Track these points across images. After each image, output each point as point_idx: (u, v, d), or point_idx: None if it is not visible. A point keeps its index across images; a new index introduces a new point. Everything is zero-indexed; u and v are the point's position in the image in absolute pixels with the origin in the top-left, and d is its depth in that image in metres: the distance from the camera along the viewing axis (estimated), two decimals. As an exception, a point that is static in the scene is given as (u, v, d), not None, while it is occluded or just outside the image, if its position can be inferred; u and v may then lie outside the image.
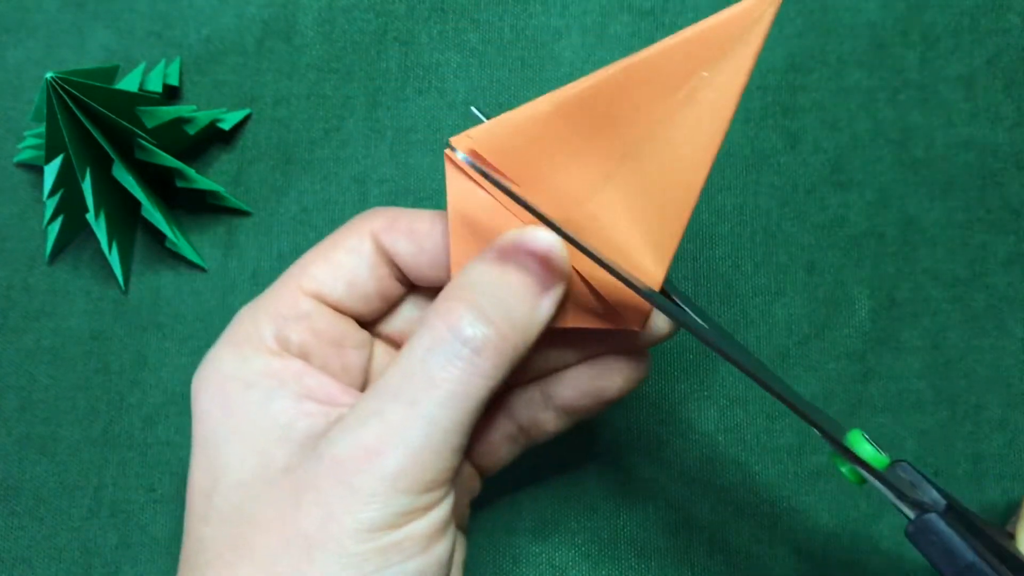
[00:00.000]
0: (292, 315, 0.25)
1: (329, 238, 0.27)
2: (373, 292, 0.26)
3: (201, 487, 0.24)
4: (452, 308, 0.23)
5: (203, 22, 0.37)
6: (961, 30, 0.37)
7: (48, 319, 0.36)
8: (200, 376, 0.25)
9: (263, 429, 0.24)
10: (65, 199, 0.34)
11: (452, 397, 0.22)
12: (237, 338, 0.25)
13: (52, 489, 0.35)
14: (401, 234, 0.26)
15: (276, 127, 0.37)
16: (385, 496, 0.22)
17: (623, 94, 0.23)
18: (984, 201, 0.36)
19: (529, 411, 0.29)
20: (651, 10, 0.37)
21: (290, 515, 0.22)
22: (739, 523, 0.34)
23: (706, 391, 0.35)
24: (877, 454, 0.24)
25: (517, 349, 0.23)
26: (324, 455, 0.22)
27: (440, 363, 0.22)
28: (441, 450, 0.22)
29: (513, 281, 0.24)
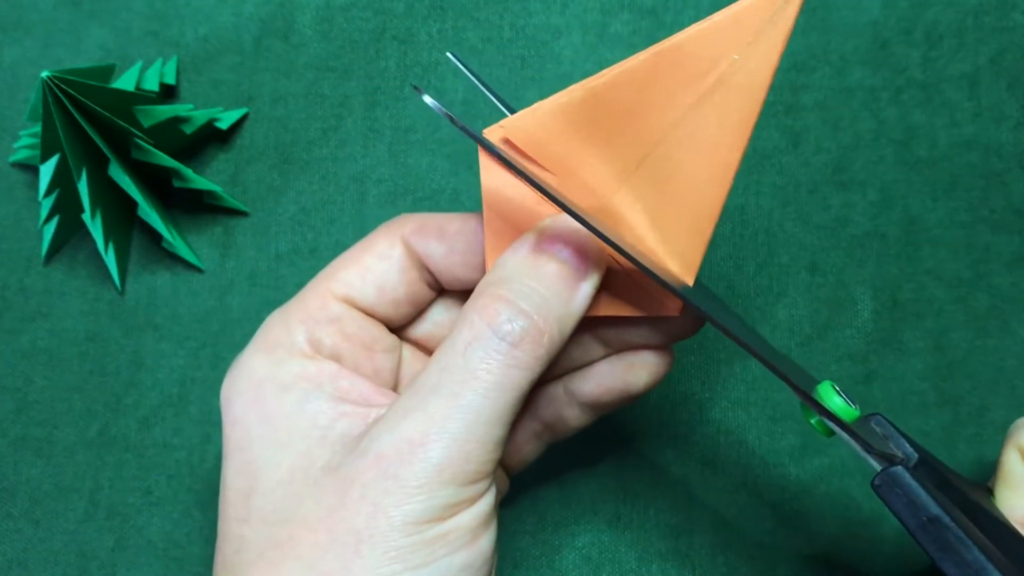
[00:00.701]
0: (323, 318, 0.26)
1: (359, 243, 0.27)
2: (403, 297, 0.27)
3: (238, 489, 0.24)
4: (488, 304, 0.23)
5: (200, 21, 0.37)
6: (965, 28, 0.37)
7: (44, 320, 0.36)
8: (232, 382, 0.25)
9: (302, 430, 0.24)
10: (61, 199, 0.34)
11: (493, 389, 0.23)
12: (269, 343, 0.25)
13: (48, 491, 0.35)
14: (432, 237, 0.26)
15: (274, 126, 0.37)
16: (431, 488, 0.22)
17: (653, 80, 0.24)
18: (987, 201, 0.36)
19: (553, 407, 0.29)
20: (652, 9, 0.37)
21: (336, 511, 0.22)
22: (741, 526, 0.34)
23: (707, 393, 0.35)
24: (846, 406, 0.24)
25: (554, 340, 0.24)
26: (368, 451, 0.23)
27: (480, 356, 0.23)
28: (484, 441, 0.23)
29: (548, 272, 0.24)
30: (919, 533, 0.23)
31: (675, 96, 0.24)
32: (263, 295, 0.36)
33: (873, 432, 0.25)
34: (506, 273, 0.24)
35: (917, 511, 0.23)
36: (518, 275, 0.24)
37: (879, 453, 0.23)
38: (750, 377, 0.35)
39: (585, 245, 0.24)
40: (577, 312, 0.24)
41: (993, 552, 0.22)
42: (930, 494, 0.23)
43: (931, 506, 0.22)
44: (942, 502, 0.23)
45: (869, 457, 0.24)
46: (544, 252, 0.24)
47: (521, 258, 0.24)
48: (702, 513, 0.34)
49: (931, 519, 0.22)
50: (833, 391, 0.24)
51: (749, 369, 0.35)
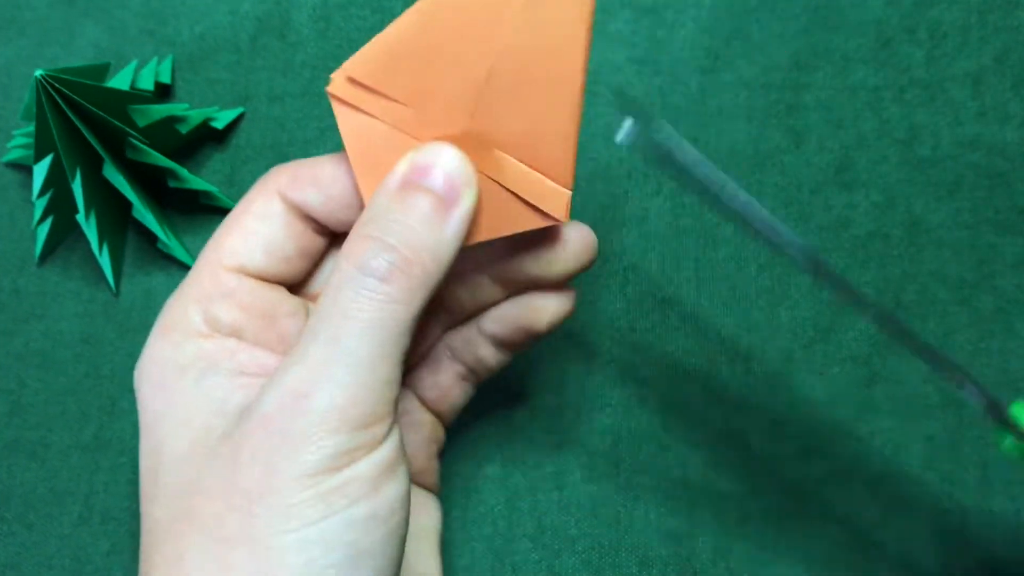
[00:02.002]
0: (217, 294, 0.26)
1: (236, 207, 0.27)
2: (294, 252, 0.27)
3: (148, 469, 0.24)
4: (355, 244, 0.23)
5: (196, 19, 0.37)
6: (969, 27, 0.37)
7: (38, 322, 0.36)
8: (139, 368, 0.25)
9: (198, 406, 0.24)
10: (55, 199, 0.34)
11: (369, 327, 0.22)
12: (167, 326, 0.25)
13: (42, 495, 0.35)
14: (307, 185, 0.26)
15: (270, 126, 0.37)
16: (319, 437, 0.22)
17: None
18: (992, 201, 0.36)
19: (470, 349, 0.29)
20: (652, 7, 0.37)
21: (230, 477, 0.22)
22: (743, 530, 0.34)
23: (709, 396, 0.35)
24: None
25: (428, 271, 0.23)
26: (255, 412, 0.22)
27: (350, 296, 0.23)
28: (370, 383, 0.22)
29: (416, 204, 0.24)
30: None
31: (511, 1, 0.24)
32: (259, 297, 0.36)
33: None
34: (374, 212, 0.24)
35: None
36: (385, 211, 0.24)
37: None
38: (752, 379, 0.35)
39: (454, 169, 0.24)
40: (451, 238, 0.24)
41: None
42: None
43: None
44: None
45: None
46: (411, 185, 0.24)
47: (389, 195, 0.24)
48: (703, 517, 0.34)
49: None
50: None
51: (751, 371, 0.35)
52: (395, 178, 0.24)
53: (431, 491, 0.31)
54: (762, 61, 0.37)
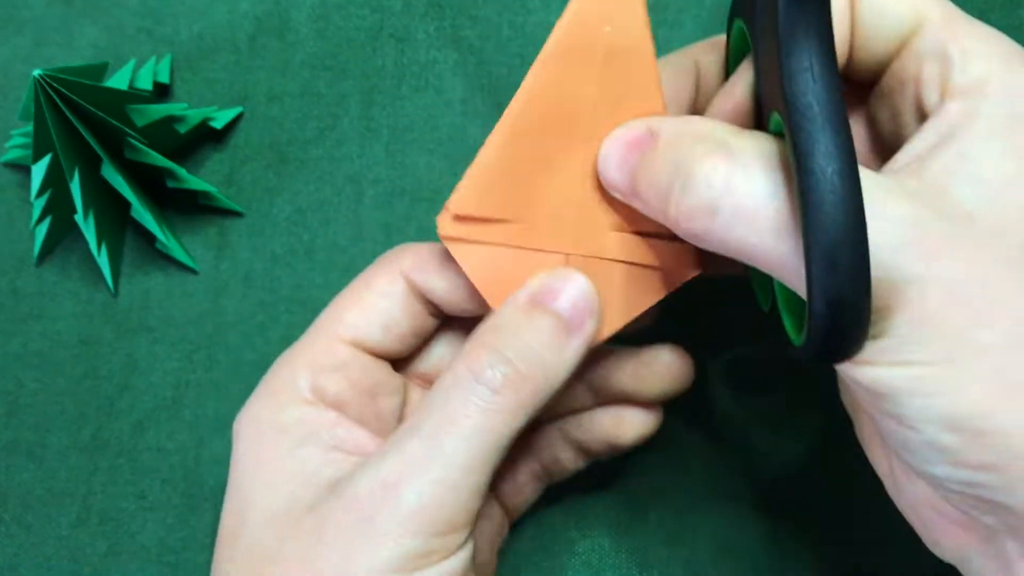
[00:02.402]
0: (329, 365, 0.26)
1: (359, 280, 0.27)
2: (408, 331, 0.27)
3: (229, 528, 0.25)
4: (473, 350, 0.24)
5: (194, 18, 0.37)
6: (971, 27, 0.37)
7: (36, 322, 0.36)
8: (238, 423, 0.26)
9: (291, 472, 0.24)
10: (53, 200, 0.34)
11: (472, 434, 0.23)
12: (274, 387, 0.26)
13: (40, 496, 0.35)
14: (432, 272, 0.27)
15: (269, 126, 0.37)
16: (400, 535, 0.22)
17: (556, 83, 0.24)
18: (994, 202, 0.36)
19: (551, 450, 0.30)
20: (652, 7, 0.37)
21: (312, 552, 0.23)
22: (744, 532, 0.34)
23: (710, 396, 0.35)
24: None
25: (539, 390, 0.24)
26: (344, 492, 0.23)
27: (459, 400, 0.23)
28: (459, 488, 0.23)
29: (539, 324, 0.24)
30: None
31: (581, 88, 0.24)
32: (258, 297, 0.36)
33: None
34: (499, 323, 0.25)
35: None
36: (508, 326, 0.24)
37: None
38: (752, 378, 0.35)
39: (582, 296, 0.25)
40: (567, 362, 0.25)
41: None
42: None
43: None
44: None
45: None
46: (539, 305, 0.25)
47: (514, 310, 0.25)
48: (704, 520, 0.34)
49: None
50: None
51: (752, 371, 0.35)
52: (524, 294, 0.25)
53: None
54: (763, 61, 0.37)
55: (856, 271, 0.18)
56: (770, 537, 0.34)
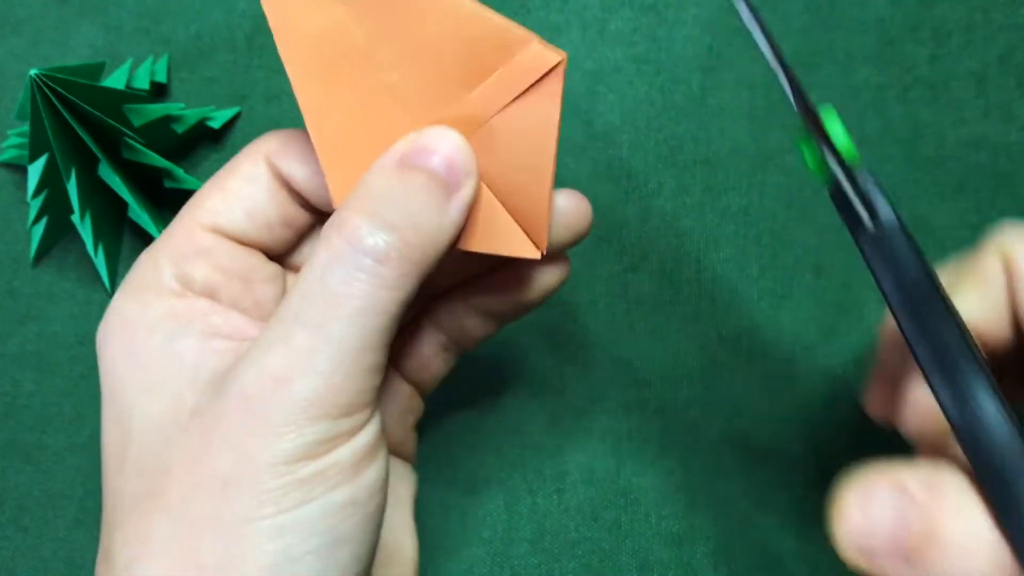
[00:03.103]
0: (191, 252, 0.24)
1: (223, 168, 0.26)
2: (276, 219, 0.25)
3: (114, 439, 0.23)
4: (349, 218, 0.22)
5: (192, 18, 0.37)
6: (973, 25, 0.37)
7: (33, 323, 0.36)
8: (102, 328, 0.24)
9: (170, 372, 0.23)
10: (50, 200, 0.34)
11: (358, 314, 0.21)
12: (136, 284, 0.24)
13: (37, 497, 0.35)
14: (294, 157, 0.25)
15: (267, 125, 0.37)
16: (299, 425, 0.21)
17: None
18: (996, 202, 0.36)
19: (454, 319, 0.28)
20: (653, 5, 0.37)
21: (202, 456, 0.21)
22: (744, 534, 0.34)
23: (710, 398, 0.35)
24: (850, 143, 0.22)
25: (426, 257, 0.22)
26: (231, 390, 0.22)
27: (341, 278, 0.21)
28: (354, 372, 0.21)
29: (416, 184, 0.22)
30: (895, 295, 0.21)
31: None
32: (256, 298, 0.36)
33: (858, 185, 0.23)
34: (369, 189, 0.22)
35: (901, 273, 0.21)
36: (382, 189, 0.22)
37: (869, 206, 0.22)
38: (754, 381, 0.35)
39: (457, 154, 0.23)
40: (451, 226, 0.23)
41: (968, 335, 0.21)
42: (919, 259, 0.21)
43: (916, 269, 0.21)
44: (929, 269, 0.21)
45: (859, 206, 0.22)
46: (412, 166, 0.23)
47: (386, 172, 0.23)
48: (705, 521, 0.34)
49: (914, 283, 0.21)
50: (838, 120, 0.22)
51: (753, 373, 0.35)
52: (393, 156, 0.23)
53: (408, 461, 0.30)
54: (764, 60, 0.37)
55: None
56: (771, 540, 0.34)
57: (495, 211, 0.24)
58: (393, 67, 0.23)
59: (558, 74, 0.22)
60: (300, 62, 0.23)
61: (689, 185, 0.36)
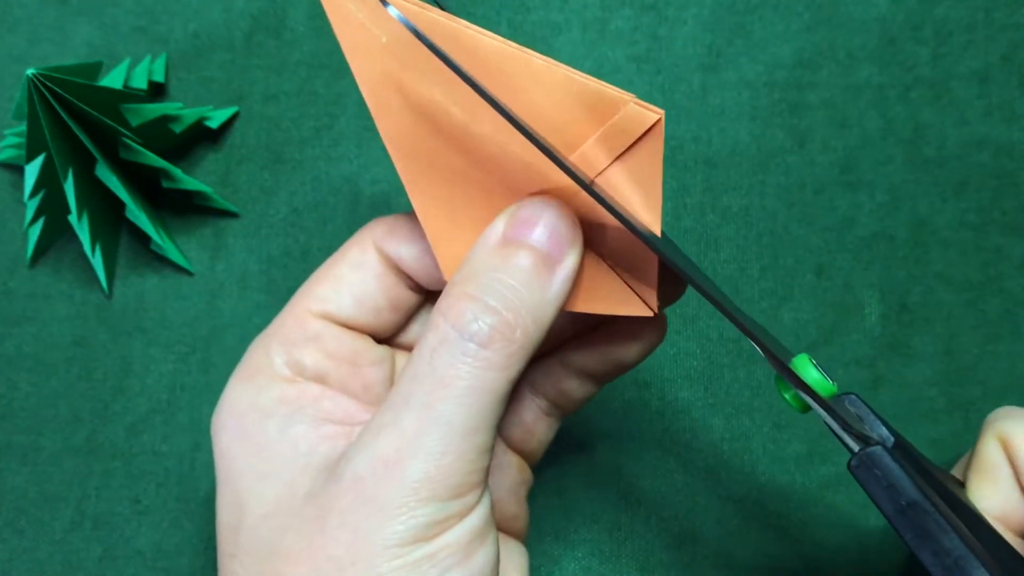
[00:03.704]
0: (302, 338, 0.25)
1: (333, 255, 0.26)
2: (384, 304, 0.26)
3: (228, 524, 0.24)
4: (452, 304, 0.22)
5: (190, 17, 0.37)
6: (975, 25, 0.37)
7: (29, 324, 0.36)
8: (217, 414, 0.25)
9: (284, 458, 0.24)
10: (47, 200, 0.34)
11: (466, 395, 0.22)
12: (249, 370, 0.25)
13: (33, 500, 0.35)
14: (402, 238, 0.26)
15: (265, 125, 0.37)
16: (410, 507, 0.21)
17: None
18: (999, 202, 0.36)
19: (553, 382, 0.28)
20: (653, 4, 0.37)
21: (317, 541, 0.22)
22: (745, 536, 0.34)
23: (711, 399, 0.35)
24: (824, 380, 0.23)
25: (529, 335, 0.23)
26: (344, 474, 0.22)
27: (448, 362, 0.22)
28: (463, 452, 0.22)
29: (518, 262, 0.23)
30: (896, 518, 0.22)
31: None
32: (254, 299, 0.36)
33: (848, 412, 0.24)
34: (472, 268, 0.23)
35: (895, 495, 0.22)
36: (485, 269, 0.23)
37: (856, 433, 0.23)
38: (754, 382, 0.35)
39: (559, 225, 0.23)
40: (555, 299, 0.23)
41: (972, 541, 0.22)
42: (910, 477, 0.22)
43: (910, 490, 0.22)
44: (921, 487, 0.22)
45: (845, 436, 0.23)
46: (513, 241, 0.23)
47: (488, 250, 0.23)
48: (705, 523, 0.34)
49: (910, 504, 0.22)
50: (810, 364, 0.24)
51: (753, 374, 0.35)
52: (494, 233, 0.23)
53: (518, 538, 0.30)
54: (765, 59, 0.37)
55: None
56: (772, 542, 0.34)
57: (604, 272, 0.24)
58: (492, 140, 0.23)
59: (658, 132, 0.22)
60: (401, 142, 0.24)
61: (689, 185, 0.36)
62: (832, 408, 0.23)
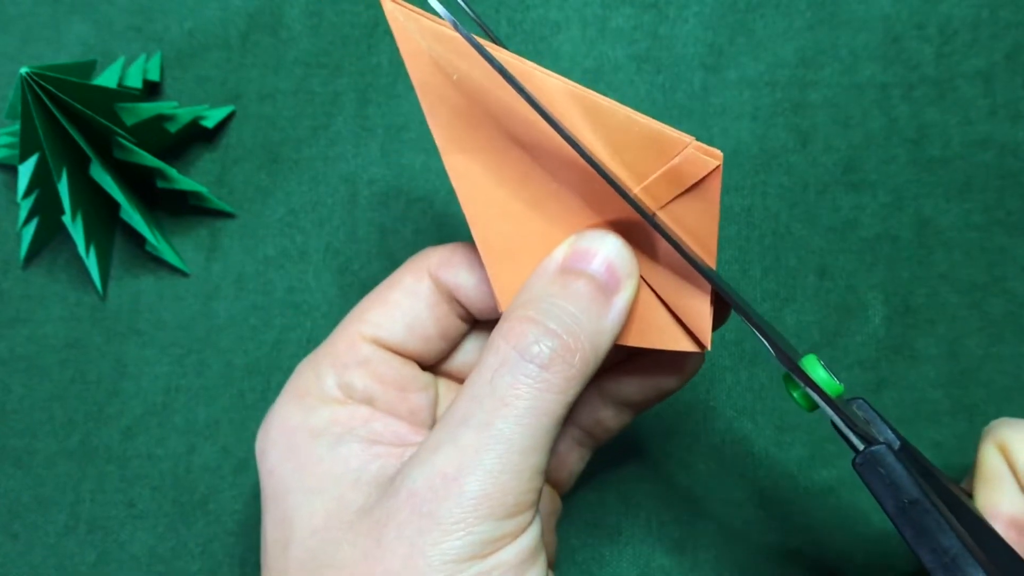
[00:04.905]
0: (353, 362, 0.26)
1: (385, 281, 0.27)
2: (434, 332, 0.27)
3: (276, 540, 0.24)
4: (514, 326, 0.23)
5: (185, 15, 0.38)
6: (979, 23, 0.37)
7: (23, 326, 0.36)
8: (265, 432, 0.26)
9: (335, 475, 0.24)
10: (40, 200, 0.34)
11: (525, 415, 0.22)
12: (300, 390, 0.26)
13: (27, 504, 0.35)
14: (460, 267, 0.26)
15: (261, 125, 0.37)
16: (468, 524, 0.22)
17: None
18: (1003, 202, 0.36)
19: (590, 412, 0.29)
20: (654, 3, 0.37)
21: (373, 554, 0.22)
22: (747, 540, 0.34)
23: (712, 402, 0.35)
24: (831, 380, 0.24)
25: (587, 360, 0.23)
26: (401, 489, 0.23)
27: (508, 382, 0.23)
28: (521, 471, 0.22)
29: (577, 289, 0.24)
30: (898, 516, 0.23)
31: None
32: (250, 300, 0.36)
33: (855, 414, 0.25)
34: (533, 295, 0.24)
35: (898, 493, 0.23)
36: (545, 295, 0.24)
37: (862, 432, 0.24)
38: (756, 385, 0.35)
39: (617, 256, 0.24)
40: (612, 328, 0.24)
41: (969, 541, 0.23)
42: (912, 477, 0.23)
43: (912, 489, 0.23)
44: (922, 486, 0.23)
45: (851, 434, 0.24)
46: (572, 270, 0.24)
47: (548, 279, 0.24)
48: (707, 527, 0.34)
49: (912, 502, 0.23)
50: (818, 364, 0.24)
51: (756, 377, 0.35)
52: (554, 261, 0.24)
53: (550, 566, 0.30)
54: (767, 58, 0.37)
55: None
56: (774, 547, 0.34)
57: (656, 308, 0.25)
58: (554, 176, 0.24)
59: (717, 175, 0.23)
60: (466, 177, 0.25)
61: (691, 185, 0.36)
62: (839, 407, 0.24)
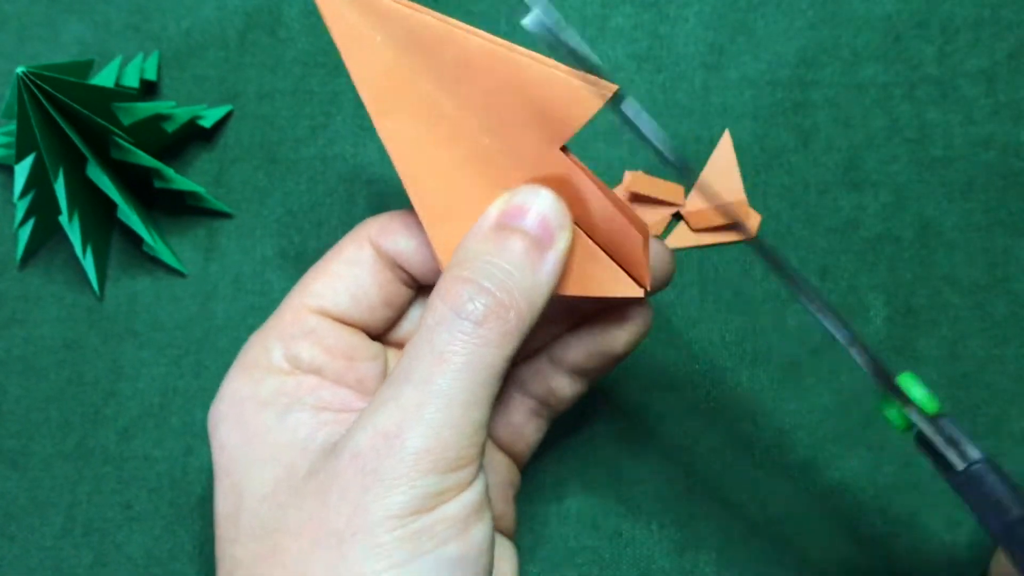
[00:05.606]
0: (299, 333, 0.26)
1: (328, 252, 0.28)
2: (378, 300, 0.27)
3: (226, 512, 0.25)
4: (449, 286, 0.24)
5: (183, 14, 0.38)
6: (982, 22, 0.37)
7: (19, 327, 0.36)
8: (215, 407, 0.26)
9: (283, 444, 0.25)
10: (37, 200, 0.34)
11: (464, 369, 0.23)
12: (248, 363, 0.26)
13: (23, 506, 0.35)
14: (400, 232, 0.27)
15: (260, 124, 0.37)
16: (410, 479, 0.22)
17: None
18: (1006, 202, 0.36)
19: (542, 381, 0.30)
20: (654, 2, 0.37)
21: (318, 515, 0.23)
22: (748, 543, 0.34)
23: (713, 404, 0.35)
24: (931, 398, 0.25)
25: (522, 315, 0.24)
26: (344, 451, 0.23)
27: (446, 339, 0.23)
28: (461, 425, 0.23)
29: (510, 246, 0.24)
30: (1005, 534, 0.23)
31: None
32: (248, 301, 0.36)
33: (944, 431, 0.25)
34: (468, 254, 0.25)
35: (1002, 512, 0.23)
36: (480, 253, 0.24)
37: (960, 451, 0.24)
38: (757, 387, 0.35)
39: (549, 211, 0.25)
40: (547, 282, 0.25)
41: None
42: (1015, 494, 0.23)
43: (1016, 507, 0.23)
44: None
45: (950, 453, 0.24)
46: (506, 227, 0.25)
47: (482, 237, 0.25)
48: (707, 529, 0.34)
49: (1019, 520, 0.23)
50: (915, 381, 0.25)
51: (757, 378, 0.35)
52: (488, 219, 0.25)
53: (508, 537, 0.31)
54: (767, 57, 0.37)
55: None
56: (776, 550, 0.34)
57: (595, 255, 0.26)
58: (483, 133, 0.25)
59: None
60: (398, 139, 0.25)
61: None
62: (940, 426, 0.24)
